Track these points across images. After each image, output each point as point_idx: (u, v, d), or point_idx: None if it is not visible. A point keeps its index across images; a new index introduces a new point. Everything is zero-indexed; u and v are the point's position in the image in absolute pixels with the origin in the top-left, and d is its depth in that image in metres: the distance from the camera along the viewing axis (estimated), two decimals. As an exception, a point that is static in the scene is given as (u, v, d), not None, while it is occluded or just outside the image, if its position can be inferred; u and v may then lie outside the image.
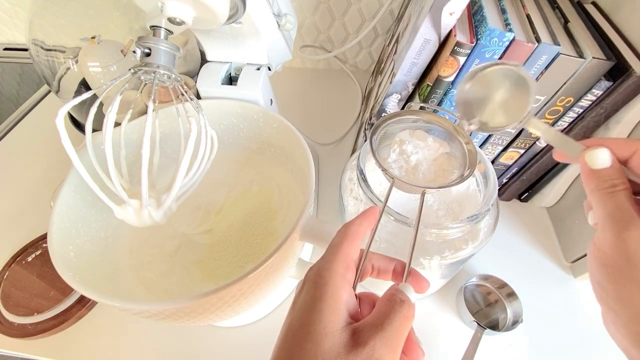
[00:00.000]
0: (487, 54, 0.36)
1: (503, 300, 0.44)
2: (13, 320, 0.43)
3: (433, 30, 0.37)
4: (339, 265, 0.21)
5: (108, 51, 0.49)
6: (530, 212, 0.55)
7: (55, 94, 0.59)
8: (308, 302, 0.20)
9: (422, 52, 0.39)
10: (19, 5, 0.80)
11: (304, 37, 0.76)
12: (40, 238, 0.50)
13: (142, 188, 0.29)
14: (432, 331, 0.43)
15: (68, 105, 0.27)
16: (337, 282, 0.20)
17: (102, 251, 0.36)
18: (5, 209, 0.56)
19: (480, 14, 0.38)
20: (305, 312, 0.19)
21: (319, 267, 0.21)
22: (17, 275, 0.47)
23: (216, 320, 0.30)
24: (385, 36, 0.73)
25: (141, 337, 0.42)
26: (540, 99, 0.40)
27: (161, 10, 0.28)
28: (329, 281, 0.20)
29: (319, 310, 0.19)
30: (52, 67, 0.55)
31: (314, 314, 0.19)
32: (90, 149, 0.30)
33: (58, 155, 0.31)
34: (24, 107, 0.74)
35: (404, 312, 0.19)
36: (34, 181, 0.60)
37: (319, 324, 0.18)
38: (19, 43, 0.89)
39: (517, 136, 0.45)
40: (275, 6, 0.38)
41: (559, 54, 0.36)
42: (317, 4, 0.69)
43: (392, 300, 0.20)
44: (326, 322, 0.18)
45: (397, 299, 0.20)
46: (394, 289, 0.21)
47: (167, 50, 0.29)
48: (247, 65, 0.42)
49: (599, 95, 0.38)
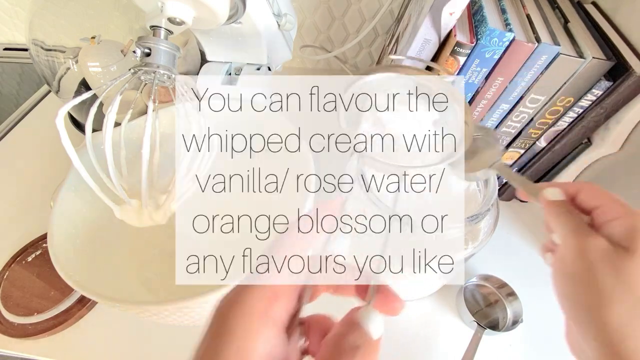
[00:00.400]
0: (487, 54, 0.36)
1: (503, 300, 0.44)
2: (13, 320, 0.43)
3: (433, 30, 0.37)
4: (257, 298, 0.14)
5: (108, 51, 0.50)
6: (530, 212, 0.55)
7: (55, 94, 0.59)
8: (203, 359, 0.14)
9: (422, 52, 0.39)
10: (19, 5, 0.80)
11: (304, 37, 0.76)
12: (40, 238, 0.50)
13: (142, 188, 0.29)
14: (432, 331, 0.43)
15: (68, 105, 0.27)
16: (248, 327, 0.14)
17: (102, 251, 0.36)
18: (5, 209, 0.56)
19: (480, 14, 0.38)
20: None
21: (227, 301, 0.15)
22: (17, 275, 0.47)
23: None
24: (385, 36, 0.73)
25: (141, 337, 0.42)
26: (541, 99, 0.40)
27: (161, 10, 0.28)
28: (235, 328, 0.14)
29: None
30: (52, 67, 0.55)
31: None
32: (90, 149, 0.30)
33: (58, 155, 0.31)
34: (24, 107, 0.74)
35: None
36: (34, 181, 0.60)
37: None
38: (19, 43, 0.89)
39: (517, 136, 0.45)
40: (275, 6, 0.38)
41: (559, 54, 0.36)
42: (317, 4, 0.69)
43: (340, 346, 0.14)
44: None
45: (348, 345, 0.14)
46: (348, 321, 0.15)
47: (167, 50, 0.29)
48: (247, 65, 0.42)
49: (599, 95, 0.38)
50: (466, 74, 0.38)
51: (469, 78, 0.39)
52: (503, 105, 0.42)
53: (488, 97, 0.41)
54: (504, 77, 0.39)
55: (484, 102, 0.42)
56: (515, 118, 0.43)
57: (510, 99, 0.41)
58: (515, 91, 0.40)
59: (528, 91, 0.40)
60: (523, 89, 0.39)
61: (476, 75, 0.39)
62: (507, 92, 0.40)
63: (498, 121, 0.44)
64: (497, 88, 0.40)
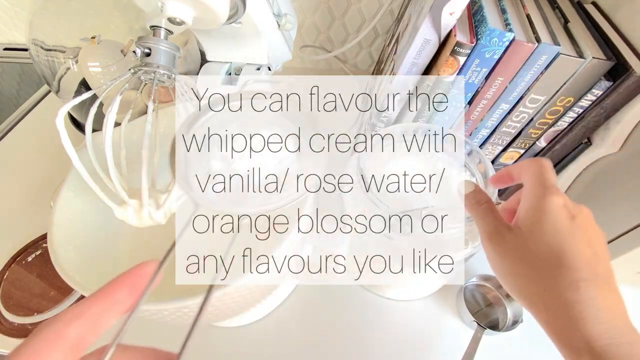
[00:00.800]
0: (487, 54, 0.36)
1: (503, 300, 0.44)
2: (13, 320, 0.43)
3: (433, 30, 0.37)
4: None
5: (108, 51, 0.50)
6: (530, 212, 0.55)
7: (55, 94, 0.59)
8: None
9: (422, 52, 0.39)
10: (19, 5, 0.80)
11: (304, 37, 0.76)
12: (40, 238, 0.50)
13: (142, 188, 0.29)
14: (432, 331, 0.43)
15: (68, 105, 0.27)
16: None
17: (102, 251, 0.36)
18: (5, 209, 0.56)
19: (480, 14, 0.38)
20: None
21: None
22: (17, 275, 0.47)
23: (216, 320, 0.30)
24: (385, 36, 0.73)
25: (141, 337, 0.42)
26: (541, 99, 0.40)
27: (161, 10, 0.28)
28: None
29: None
30: (52, 67, 0.55)
31: None
32: (90, 149, 0.30)
33: (58, 155, 0.31)
34: (24, 107, 0.74)
35: None
36: (34, 181, 0.60)
37: None
38: (19, 43, 0.89)
39: (517, 136, 0.45)
40: (275, 6, 0.38)
41: (559, 54, 0.36)
42: (317, 4, 0.69)
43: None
44: None
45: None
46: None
47: (167, 50, 0.29)
48: (247, 65, 0.42)
49: (599, 95, 0.38)
50: (466, 74, 0.38)
51: (469, 78, 0.39)
52: (503, 105, 0.42)
53: (488, 97, 0.41)
54: (504, 77, 0.39)
55: (484, 102, 0.42)
56: (515, 118, 0.43)
57: (510, 99, 0.41)
58: (515, 91, 0.40)
59: (528, 91, 0.40)
60: (523, 89, 0.39)
61: (476, 75, 0.39)
62: (507, 92, 0.40)
63: (498, 121, 0.44)
64: (497, 88, 0.40)
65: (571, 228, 0.23)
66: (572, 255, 0.22)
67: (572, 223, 0.23)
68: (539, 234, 0.24)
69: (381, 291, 0.45)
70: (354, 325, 0.43)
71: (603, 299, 0.21)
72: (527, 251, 0.24)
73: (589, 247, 0.23)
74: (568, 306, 0.22)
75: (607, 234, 0.42)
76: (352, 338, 0.42)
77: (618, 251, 0.40)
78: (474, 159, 0.37)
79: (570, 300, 0.22)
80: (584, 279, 0.22)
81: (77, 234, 0.34)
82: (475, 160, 0.37)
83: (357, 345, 0.42)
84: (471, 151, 0.37)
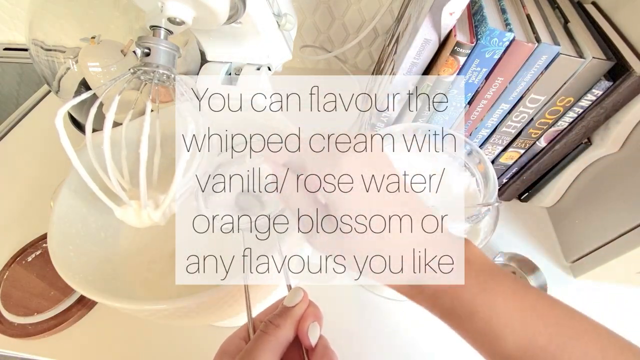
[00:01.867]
0: (487, 54, 0.36)
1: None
2: (13, 320, 0.43)
3: (433, 30, 0.37)
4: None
5: (108, 51, 0.50)
6: (530, 212, 0.55)
7: (55, 94, 0.59)
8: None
9: (422, 52, 0.39)
10: (19, 5, 0.80)
11: (304, 37, 0.76)
12: (40, 238, 0.50)
13: (140, 189, 0.29)
14: (432, 331, 0.43)
15: (67, 106, 0.27)
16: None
17: (102, 251, 0.36)
18: (5, 209, 0.56)
19: (480, 14, 0.38)
20: None
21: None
22: (17, 275, 0.47)
23: (215, 320, 0.30)
24: (385, 36, 0.73)
25: (141, 337, 0.42)
26: (541, 99, 0.40)
27: (161, 10, 0.28)
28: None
29: None
30: (52, 67, 0.55)
31: None
32: (90, 149, 0.30)
33: (58, 155, 0.31)
34: (24, 107, 0.74)
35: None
36: (34, 181, 0.60)
37: None
38: (19, 43, 0.89)
39: (517, 136, 0.45)
40: (275, 6, 0.38)
41: (559, 54, 0.36)
42: (317, 4, 0.69)
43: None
44: None
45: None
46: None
47: (167, 50, 0.29)
48: (247, 65, 0.42)
49: (599, 95, 0.38)
50: (466, 74, 0.38)
51: (469, 78, 0.39)
52: (503, 105, 0.42)
53: (488, 97, 0.41)
54: (504, 77, 0.39)
55: (484, 102, 0.42)
56: (515, 118, 0.43)
57: (510, 98, 0.41)
58: (515, 91, 0.40)
59: (528, 91, 0.40)
60: (523, 89, 0.39)
61: (476, 75, 0.39)
62: (507, 92, 0.40)
63: (498, 121, 0.44)
64: (497, 88, 0.40)
65: None
66: None
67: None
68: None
69: (381, 291, 0.45)
70: (354, 325, 0.43)
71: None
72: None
73: None
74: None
75: (607, 234, 0.42)
76: (352, 338, 0.42)
77: (618, 251, 0.40)
78: (474, 159, 0.37)
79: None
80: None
81: (77, 233, 0.34)
82: (475, 160, 0.37)
83: (357, 345, 0.42)
84: (471, 151, 0.37)
